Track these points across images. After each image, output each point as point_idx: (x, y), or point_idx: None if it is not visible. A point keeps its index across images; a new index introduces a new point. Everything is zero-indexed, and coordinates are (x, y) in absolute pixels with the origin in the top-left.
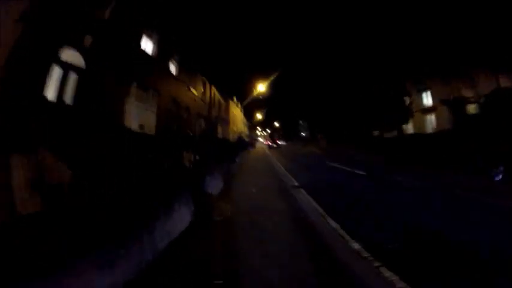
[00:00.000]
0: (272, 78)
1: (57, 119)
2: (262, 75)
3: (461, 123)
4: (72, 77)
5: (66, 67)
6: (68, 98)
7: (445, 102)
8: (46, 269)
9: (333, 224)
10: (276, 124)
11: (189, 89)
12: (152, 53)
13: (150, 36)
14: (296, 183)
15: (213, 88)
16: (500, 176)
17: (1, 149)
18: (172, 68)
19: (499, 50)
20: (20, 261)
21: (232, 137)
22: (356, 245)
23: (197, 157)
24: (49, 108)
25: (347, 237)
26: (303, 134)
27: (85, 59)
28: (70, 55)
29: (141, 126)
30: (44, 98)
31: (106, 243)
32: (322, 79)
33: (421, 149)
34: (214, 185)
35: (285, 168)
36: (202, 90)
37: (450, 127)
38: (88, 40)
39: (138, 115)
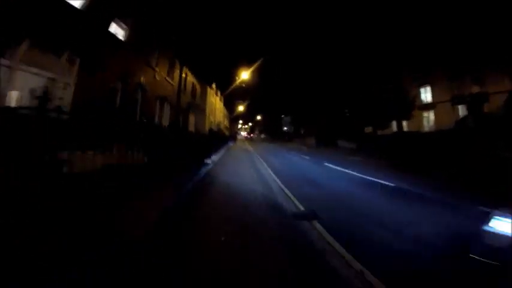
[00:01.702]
0: (257, 65)
1: None
2: (247, 62)
3: (482, 122)
4: None
5: None
6: None
7: (457, 99)
8: None
9: None
10: (258, 117)
11: (147, 64)
12: (81, 6)
13: None
14: (301, 207)
15: (186, 69)
16: None
17: None
18: (119, 32)
19: None
20: None
21: (208, 128)
22: None
23: (145, 158)
24: None
25: None
26: (286, 129)
27: None
28: None
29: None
30: None
31: None
32: (309, 70)
33: (431, 151)
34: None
35: (275, 173)
36: (168, 68)
37: (451, 126)
38: None
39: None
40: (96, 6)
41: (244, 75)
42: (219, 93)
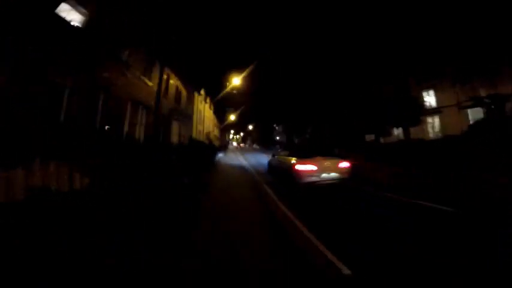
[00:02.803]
0: (249, 70)
1: None
2: (238, 67)
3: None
4: None
5: None
6: None
7: (475, 101)
8: None
9: None
10: (250, 127)
11: (114, 58)
12: None
13: None
14: None
15: (168, 71)
16: None
17: None
18: (75, 17)
19: None
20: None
21: (189, 138)
22: None
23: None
24: None
25: None
26: (278, 138)
27: None
28: None
29: None
30: None
31: None
32: (301, 75)
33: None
34: None
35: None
36: (145, 65)
37: (460, 132)
38: None
39: None
40: None
41: (236, 80)
42: (208, 101)
